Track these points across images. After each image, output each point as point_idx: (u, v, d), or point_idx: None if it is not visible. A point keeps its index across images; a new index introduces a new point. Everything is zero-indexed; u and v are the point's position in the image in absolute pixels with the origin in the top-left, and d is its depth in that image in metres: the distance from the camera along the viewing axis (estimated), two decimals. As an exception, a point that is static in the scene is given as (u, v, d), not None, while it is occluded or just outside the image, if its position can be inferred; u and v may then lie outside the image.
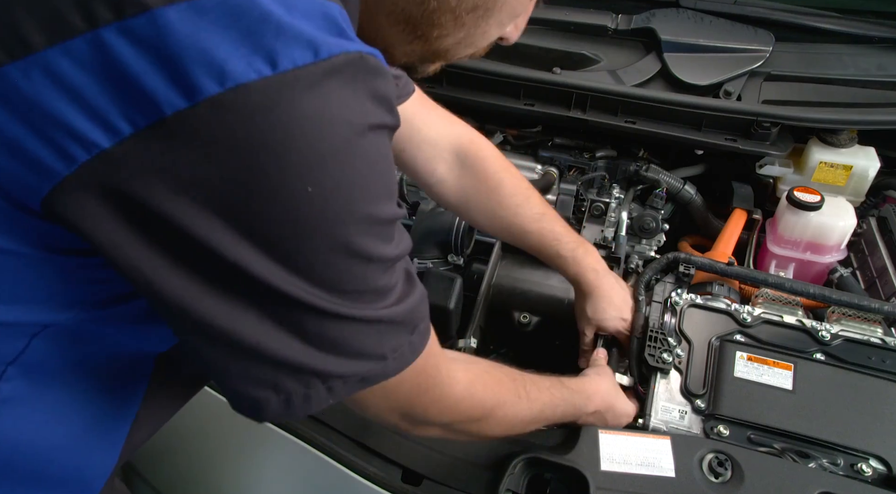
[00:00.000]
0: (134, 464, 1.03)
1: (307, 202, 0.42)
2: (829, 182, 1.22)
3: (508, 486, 0.79)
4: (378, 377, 0.54)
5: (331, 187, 0.43)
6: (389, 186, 0.49)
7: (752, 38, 1.27)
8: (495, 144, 1.40)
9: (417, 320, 0.56)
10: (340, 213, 0.44)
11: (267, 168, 0.40)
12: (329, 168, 0.43)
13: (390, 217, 0.49)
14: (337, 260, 0.46)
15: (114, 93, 0.38)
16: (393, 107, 0.47)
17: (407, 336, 0.55)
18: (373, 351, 0.53)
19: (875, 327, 0.98)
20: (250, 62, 0.39)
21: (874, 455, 0.83)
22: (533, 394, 0.76)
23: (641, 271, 1.15)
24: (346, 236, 0.45)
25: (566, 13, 1.35)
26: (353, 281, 0.48)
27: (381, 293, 0.52)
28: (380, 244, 0.49)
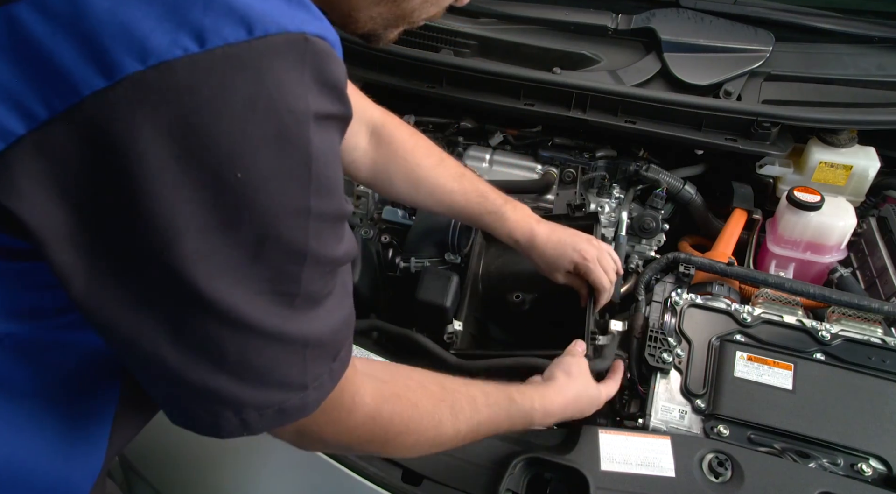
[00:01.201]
0: (134, 464, 1.03)
1: (234, 190, 0.39)
2: (829, 182, 1.22)
3: (508, 486, 0.79)
4: (296, 410, 0.50)
5: (263, 177, 0.40)
6: (334, 180, 0.45)
7: (752, 38, 1.27)
8: (495, 145, 1.41)
9: (341, 343, 0.53)
10: (272, 205, 0.41)
11: (194, 152, 0.38)
12: (262, 156, 0.40)
13: (333, 213, 0.46)
14: (268, 255, 0.43)
15: (28, 74, 0.36)
16: (343, 95, 0.44)
17: (328, 364, 0.51)
18: (294, 380, 0.49)
19: (875, 327, 0.98)
20: (175, 39, 0.36)
21: (874, 455, 0.83)
22: (464, 415, 0.68)
23: (641, 271, 1.16)
24: (278, 230, 0.42)
25: (566, 13, 1.35)
26: (284, 282, 0.45)
27: (314, 300, 0.48)
28: (319, 242, 0.45)
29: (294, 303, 0.46)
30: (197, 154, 0.38)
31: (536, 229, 1.02)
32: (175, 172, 0.38)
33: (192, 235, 0.40)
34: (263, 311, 0.44)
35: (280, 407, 0.49)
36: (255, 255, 0.42)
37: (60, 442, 0.56)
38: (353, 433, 0.59)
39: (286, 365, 0.48)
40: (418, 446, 0.65)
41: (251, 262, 0.42)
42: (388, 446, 0.62)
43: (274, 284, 0.44)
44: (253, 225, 0.41)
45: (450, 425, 0.66)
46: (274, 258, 0.43)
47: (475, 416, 0.70)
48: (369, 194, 1.37)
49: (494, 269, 1.16)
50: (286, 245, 0.43)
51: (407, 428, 0.62)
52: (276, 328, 0.45)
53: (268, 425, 0.49)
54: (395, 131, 1.00)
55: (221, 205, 0.40)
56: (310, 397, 0.50)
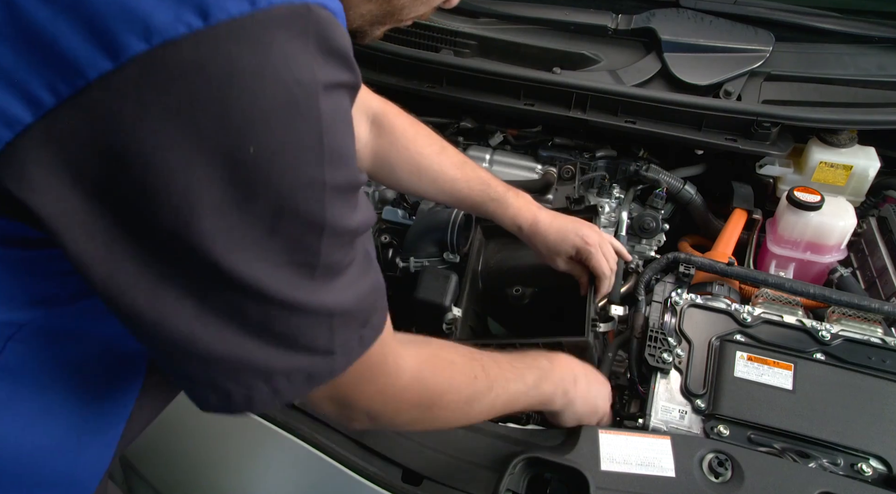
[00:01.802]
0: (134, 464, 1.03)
1: (248, 166, 0.39)
2: (829, 182, 1.22)
3: (508, 486, 0.79)
4: (324, 374, 0.51)
5: (275, 149, 0.40)
6: (346, 149, 0.45)
7: (752, 38, 1.27)
8: (495, 145, 1.41)
9: (371, 311, 0.53)
10: (286, 176, 0.41)
11: (205, 130, 0.38)
12: (273, 128, 0.39)
13: (348, 183, 0.46)
14: (285, 228, 0.43)
15: (32, 61, 0.35)
16: (351, 62, 0.44)
17: (357, 330, 0.52)
18: (320, 346, 0.49)
19: (875, 327, 0.98)
20: (179, 15, 0.35)
21: (874, 455, 0.83)
22: (493, 371, 0.70)
23: (641, 271, 1.16)
24: (295, 202, 0.42)
25: (566, 13, 1.35)
26: (303, 253, 0.45)
27: (335, 271, 0.48)
28: (335, 212, 0.45)
29: (314, 275, 0.46)
30: (208, 131, 0.38)
31: (539, 216, 1.02)
32: (187, 152, 0.38)
33: (209, 212, 0.40)
34: (285, 282, 0.44)
35: (308, 373, 0.49)
36: (273, 228, 0.42)
37: (72, 436, 0.56)
38: (400, 397, 0.60)
39: (311, 333, 0.48)
40: (460, 405, 0.66)
41: (269, 235, 0.42)
42: (434, 408, 0.64)
43: (293, 255, 0.44)
44: (269, 199, 0.41)
45: (483, 380, 0.68)
46: (292, 231, 0.43)
47: (503, 374, 0.72)
48: (369, 194, 1.37)
49: (494, 263, 1.16)
50: (303, 217, 0.43)
51: (450, 386, 0.64)
52: (297, 299, 0.45)
53: (297, 391, 0.50)
54: (396, 120, 1.00)
55: (237, 181, 0.40)
56: (337, 361, 0.51)
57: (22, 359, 0.50)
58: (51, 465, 0.56)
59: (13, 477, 0.54)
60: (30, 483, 0.55)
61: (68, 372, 0.54)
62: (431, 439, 0.88)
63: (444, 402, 0.64)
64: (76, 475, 0.59)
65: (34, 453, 0.54)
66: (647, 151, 1.36)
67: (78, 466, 0.58)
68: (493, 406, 0.71)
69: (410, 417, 0.63)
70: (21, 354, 0.49)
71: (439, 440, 0.87)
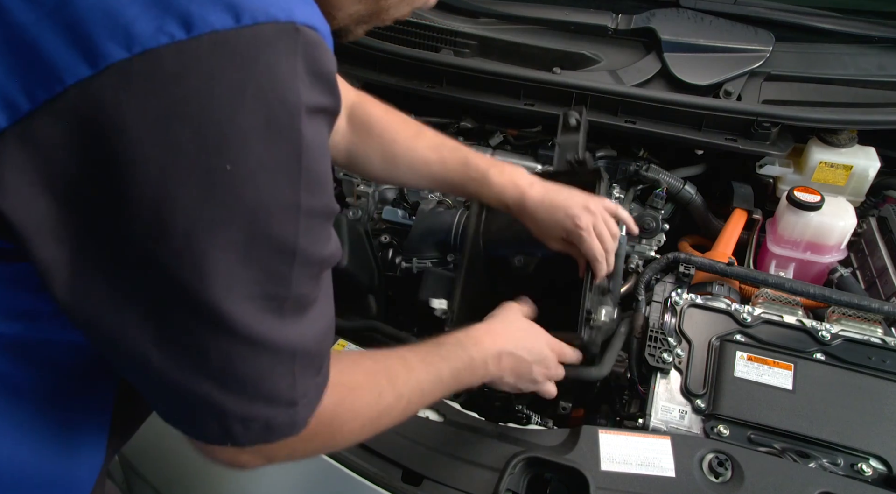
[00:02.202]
0: (134, 464, 1.03)
1: (225, 184, 0.38)
2: (829, 182, 1.22)
3: (508, 486, 0.79)
4: (285, 427, 0.48)
5: (253, 169, 0.39)
6: (323, 175, 0.44)
7: (752, 38, 1.27)
8: (495, 145, 1.41)
9: (324, 354, 0.51)
10: (262, 199, 0.40)
11: (181, 142, 0.37)
12: (251, 146, 0.38)
13: (322, 210, 0.45)
14: (258, 253, 0.41)
15: (11, 64, 0.35)
16: (335, 88, 0.43)
17: (314, 377, 0.50)
18: (283, 394, 0.46)
19: (875, 327, 0.98)
20: (161, 25, 0.35)
21: (874, 455, 0.83)
22: (401, 378, 0.65)
23: (641, 271, 1.15)
24: (269, 225, 0.41)
25: (566, 13, 1.35)
26: (274, 284, 0.43)
27: (303, 305, 0.46)
28: (308, 239, 0.44)
29: (283, 309, 0.44)
30: (185, 145, 0.37)
31: (528, 193, 0.92)
32: (163, 164, 0.37)
33: (181, 232, 0.39)
34: (252, 317, 0.43)
35: (267, 423, 0.47)
36: (246, 256, 0.41)
37: (61, 440, 0.56)
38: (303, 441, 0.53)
39: (275, 377, 0.46)
40: (364, 428, 0.61)
41: (242, 263, 0.41)
42: (335, 439, 0.59)
43: (264, 286, 0.43)
44: (244, 222, 0.40)
45: (390, 394, 0.62)
46: (264, 258, 0.42)
47: (412, 375, 0.66)
48: (369, 194, 1.37)
49: (496, 228, 1.10)
50: (276, 242, 0.42)
51: (352, 415, 0.59)
52: (263, 334, 0.44)
53: (254, 439, 0.47)
54: (370, 109, 0.95)
55: (212, 199, 0.39)
56: (299, 414, 0.49)
57: (7, 370, 0.49)
58: (43, 470, 0.55)
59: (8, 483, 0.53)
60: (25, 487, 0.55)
61: (48, 379, 0.53)
62: (431, 439, 0.88)
63: (346, 430, 0.59)
64: (70, 477, 0.58)
65: (25, 460, 0.53)
66: (647, 151, 1.36)
67: (70, 469, 0.58)
68: (406, 411, 0.66)
69: (308, 451, 0.58)
70: (4, 365, 0.49)
71: (439, 440, 0.87)
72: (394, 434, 0.88)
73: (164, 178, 0.37)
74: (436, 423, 0.91)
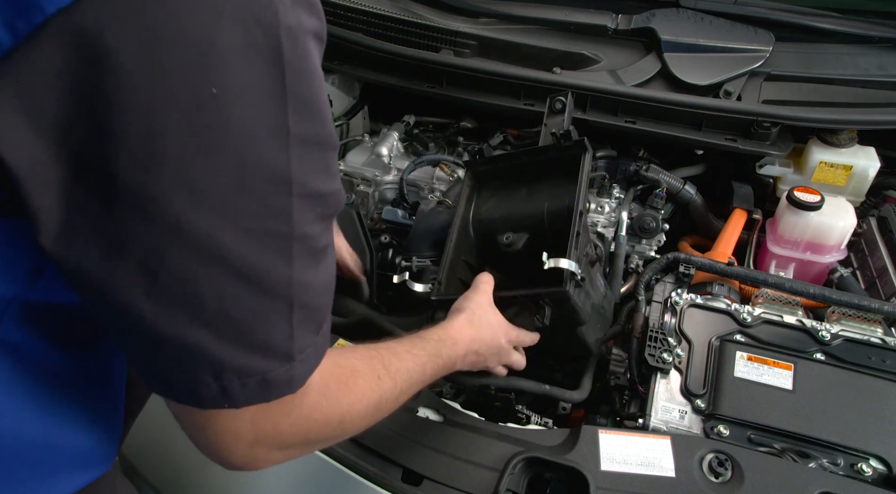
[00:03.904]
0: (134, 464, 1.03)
1: (211, 107, 0.38)
2: (829, 182, 1.22)
3: (508, 486, 0.79)
4: (282, 383, 0.46)
5: (237, 92, 0.38)
6: (314, 99, 0.43)
7: (752, 38, 1.27)
8: (495, 145, 1.41)
9: (325, 313, 0.49)
10: (248, 123, 0.39)
11: (166, 66, 0.36)
12: (233, 68, 0.38)
13: (316, 137, 0.43)
14: (252, 181, 0.40)
15: None
16: (317, 8, 0.43)
17: (313, 335, 0.48)
18: (279, 345, 0.45)
19: (875, 327, 0.98)
20: None
21: (874, 455, 0.83)
22: (394, 366, 0.66)
23: (641, 271, 1.15)
24: (259, 150, 0.40)
25: (566, 13, 1.35)
26: (273, 216, 0.42)
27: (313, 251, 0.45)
28: (302, 168, 0.42)
29: (291, 250, 0.43)
30: (170, 68, 0.36)
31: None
32: (149, 89, 0.36)
33: (172, 159, 0.38)
34: (250, 250, 0.41)
35: (264, 377, 0.45)
36: (240, 183, 0.40)
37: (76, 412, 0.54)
38: (309, 417, 0.53)
39: (271, 324, 0.45)
40: (369, 412, 0.61)
41: (237, 191, 0.40)
42: (345, 423, 0.58)
43: (264, 221, 0.42)
44: (233, 147, 0.39)
45: (387, 379, 0.63)
46: (258, 187, 0.40)
47: (403, 364, 0.68)
48: (369, 194, 1.37)
49: (485, 211, 1.10)
50: (268, 170, 0.41)
51: (356, 395, 0.58)
52: (260, 272, 0.42)
53: (251, 396, 0.46)
54: None
55: (201, 124, 0.38)
56: (295, 370, 0.47)
57: (21, 337, 0.48)
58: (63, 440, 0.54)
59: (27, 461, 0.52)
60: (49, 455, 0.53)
61: (58, 346, 0.51)
62: (431, 439, 0.88)
63: (353, 413, 0.58)
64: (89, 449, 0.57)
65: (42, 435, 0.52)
66: (647, 151, 1.36)
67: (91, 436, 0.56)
68: (398, 400, 0.66)
69: (320, 436, 0.57)
70: (18, 331, 0.48)
71: (439, 440, 0.87)
72: (394, 434, 0.88)
73: (152, 103, 0.36)
74: (436, 423, 0.91)
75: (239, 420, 0.48)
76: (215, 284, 0.41)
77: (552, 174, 1.05)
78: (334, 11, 1.47)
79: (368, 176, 1.38)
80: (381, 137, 1.43)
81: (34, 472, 0.53)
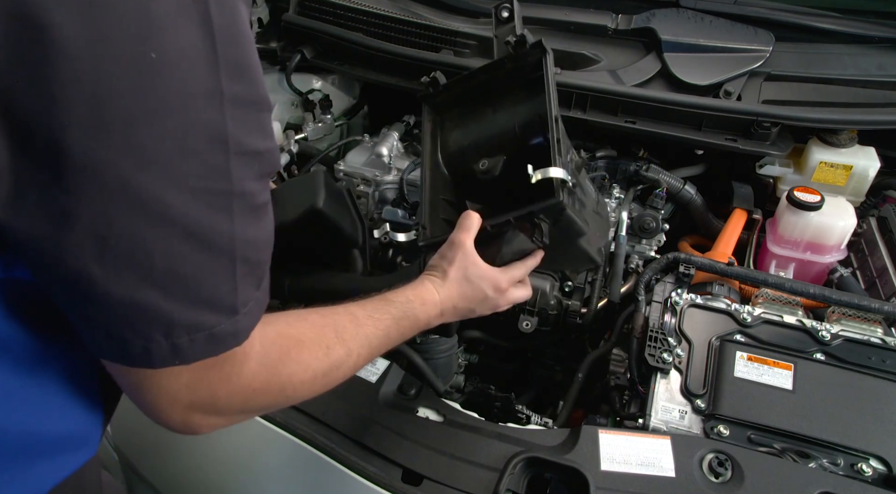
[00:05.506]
0: (134, 464, 1.03)
1: (152, 72, 0.39)
2: (829, 182, 1.22)
3: (508, 486, 0.79)
4: (228, 336, 0.48)
5: (174, 57, 0.40)
6: (243, 61, 0.45)
7: (752, 38, 1.27)
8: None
9: (264, 269, 0.51)
10: (187, 84, 0.41)
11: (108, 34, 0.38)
12: (168, 34, 0.40)
13: (249, 98, 0.45)
14: (192, 142, 0.42)
15: None
16: None
17: (254, 290, 0.50)
18: (224, 299, 0.47)
19: (875, 327, 0.98)
20: None
21: (874, 455, 0.83)
22: (349, 333, 0.65)
23: (641, 271, 1.15)
24: (197, 112, 0.42)
25: (566, 13, 1.35)
26: (214, 175, 0.44)
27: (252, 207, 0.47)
28: (237, 128, 0.44)
29: (232, 207, 0.45)
30: (110, 36, 0.38)
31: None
32: (92, 56, 0.38)
33: (119, 125, 0.39)
34: (195, 209, 0.43)
35: (211, 332, 0.47)
36: (182, 145, 0.42)
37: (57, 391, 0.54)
38: (248, 386, 0.54)
39: (216, 279, 0.47)
40: (315, 381, 0.61)
41: (179, 153, 0.42)
42: (287, 391, 0.58)
43: (206, 181, 0.44)
44: (173, 110, 0.41)
45: (339, 347, 0.63)
46: (198, 147, 0.43)
47: (361, 330, 0.67)
48: (369, 194, 1.37)
49: (453, 142, 1.02)
50: (206, 130, 0.43)
51: (299, 365, 0.59)
52: (206, 229, 0.44)
53: (200, 351, 0.48)
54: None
55: (142, 89, 0.40)
56: (240, 323, 0.49)
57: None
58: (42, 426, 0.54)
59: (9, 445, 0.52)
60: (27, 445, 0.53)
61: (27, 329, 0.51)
62: (431, 439, 0.88)
63: (295, 383, 0.59)
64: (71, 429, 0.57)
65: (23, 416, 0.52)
66: (647, 151, 1.36)
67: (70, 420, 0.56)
68: (356, 366, 0.67)
69: (261, 404, 0.58)
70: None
71: (439, 440, 0.88)
72: (394, 434, 0.88)
73: (96, 70, 0.38)
74: (436, 423, 0.91)
75: (175, 384, 0.50)
76: (163, 243, 0.43)
77: (515, 88, 0.97)
78: (334, 11, 1.47)
79: (368, 176, 1.38)
80: (381, 137, 1.43)
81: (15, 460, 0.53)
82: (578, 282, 1.19)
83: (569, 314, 1.15)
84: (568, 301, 1.16)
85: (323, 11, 1.49)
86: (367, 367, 0.98)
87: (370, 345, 0.68)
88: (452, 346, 1.13)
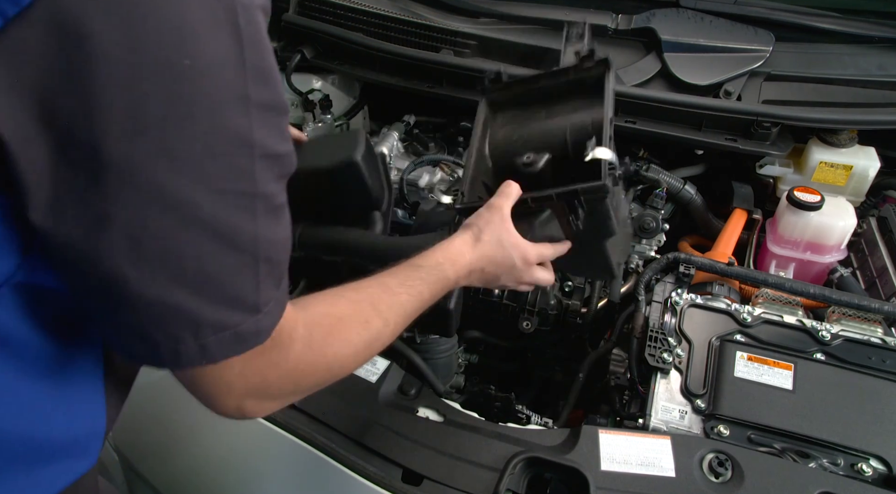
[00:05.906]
0: (134, 464, 1.03)
1: (187, 79, 0.41)
2: (829, 182, 1.22)
3: (508, 486, 0.79)
4: (251, 335, 0.50)
5: (207, 63, 0.42)
6: (267, 68, 0.47)
7: (752, 38, 1.27)
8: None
9: (284, 267, 0.53)
10: (217, 92, 0.43)
11: (145, 41, 0.40)
12: (203, 43, 0.42)
13: (272, 103, 0.48)
14: (222, 145, 0.44)
15: None
16: None
17: (275, 289, 0.52)
18: (248, 298, 0.49)
19: (875, 327, 0.98)
20: None
21: (874, 455, 0.83)
22: (385, 304, 0.67)
23: (641, 271, 1.15)
24: (226, 117, 0.44)
25: (566, 13, 1.35)
26: (240, 177, 0.46)
27: (273, 208, 0.49)
28: (263, 132, 0.47)
29: (255, 208, 0.47)
30: (148, 43, 0.40)
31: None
32: (130, 63, 0.40)
33: (154, 128, 0.41)
34: (223, 210, 0.45)
35: (236, 331, 0.49)
36: (212, 148, 0.44)
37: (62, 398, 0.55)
38: (296, 369, 0.57)
39: (241, 279, 0.48)
40: (358, 355, 0.64)
41: (209, 156, 0.44)
42: (333, 369, 0.61)
43: (232, 182, 0.46)
44: (205, 115, 0.43)
45: (376, 319, 0.66)
46: (227, 150, 0.45)
47: (396, 299, 0.69)
48: (369, 194, 1.37)
49: (501, 137, 1.04)
50: (233, 134, 0.45)
51: (341, 342, 0.61)
52: (233, 230, 0.46)
53: (225, 350, 0.49)
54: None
55: (177, 95, 0.42)
56: (262, 322, 0.51)
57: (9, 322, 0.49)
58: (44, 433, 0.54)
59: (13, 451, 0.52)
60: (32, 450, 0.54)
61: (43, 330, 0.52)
62: (431, 439, 0.88)
63: (340, 360, 0.61)
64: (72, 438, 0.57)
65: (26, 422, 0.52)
66: (647, 151, 1.36)
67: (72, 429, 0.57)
68: (394, 333, 0.69)
69: (310, 384, 0.61)
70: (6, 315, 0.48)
71: (439, 440, 0.87)
72: (394, 434, 0.88)
73: (134, 76, 0.40)
74: (436, 423, 0.91)
75: (229, 374, 0.52)
76: (193, 244, 0.45)
77: (572, 96, 0.99)
78: (334, 11, 1.47)
79: (368, 176, 1.37)
80: (381, 137, 1.43)
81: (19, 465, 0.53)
82: (578, 282, 1.19)
83: (569, 313, 1.15)
84: (568, 301, 1.17)
85: (323, 11, 1.49)
86: (366, 367, 0.98)
87: (405, 313, 0.70)
88: (452, 346, 1.13)
